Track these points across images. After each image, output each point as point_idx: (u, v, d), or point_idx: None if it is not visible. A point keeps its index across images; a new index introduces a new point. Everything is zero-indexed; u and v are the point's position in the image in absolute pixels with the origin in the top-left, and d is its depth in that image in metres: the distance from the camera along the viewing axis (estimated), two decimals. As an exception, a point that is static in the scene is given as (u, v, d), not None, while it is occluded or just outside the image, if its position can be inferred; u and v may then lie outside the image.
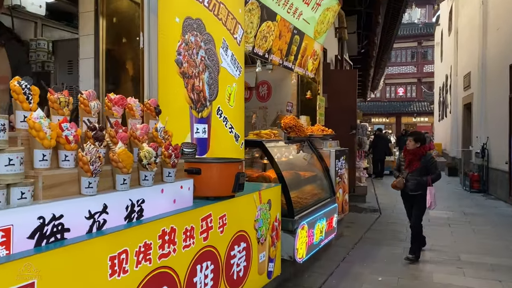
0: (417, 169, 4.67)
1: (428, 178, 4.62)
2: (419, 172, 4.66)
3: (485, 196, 9.93)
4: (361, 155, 9.09)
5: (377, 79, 25.83)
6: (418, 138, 4.69)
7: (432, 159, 4.70)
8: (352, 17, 10.08)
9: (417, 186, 4.71)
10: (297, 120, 4.98)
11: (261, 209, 3.13)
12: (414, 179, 4.72)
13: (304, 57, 5.36)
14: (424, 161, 4.62)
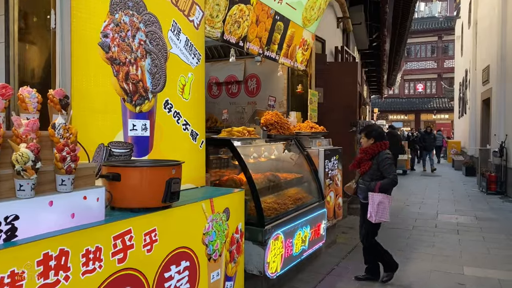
0: (367, 171, 3.84)
1: (377, 184, 3.76)
2: (371, 175, 3.82)
3: (502, 199, 9.19)
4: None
5: (393, 75, 24.96)
6: (369, 133, 3.85)
7: (387, 159, 3.72)
8: (358, 7, 9.48)
9: (366, 192, 3.89)
10: (280, 116, 4.49)
11: (213, 219, 2.67)
12: (363, 184, 3.94)
13: (291, 47, 4.86)
14: (376, 162, 3.75)
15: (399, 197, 9.35)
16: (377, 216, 3.81)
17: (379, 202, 3.77)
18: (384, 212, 3.79)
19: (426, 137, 15.86)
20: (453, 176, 14.06)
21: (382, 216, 3.81)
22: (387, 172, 3.74)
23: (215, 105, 6.09)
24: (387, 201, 3.82)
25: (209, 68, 6.24)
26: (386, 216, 3.82)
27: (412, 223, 6.74)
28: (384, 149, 3.82)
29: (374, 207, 3.80)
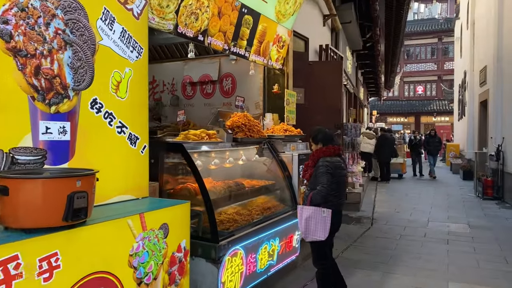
0: (309, 179, 3.42)
1: (309, 195, 3.31)
2: (311, 184, 3.41)
3: (499, 205, 8.79)
4: (355, 158, 8.12)
5: (392, 77, 24.58)
6: (315, 138, 3.46)
7: (321, 167, 3.24)
8: (347, 4, 9.13)
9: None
10: (249, 118, 4.12)
11: (145, 238, 2.31)
12: (305, 193, 3.52)
13: (264, 43, 4.50)
14: (316, 169, 3.35)
15: (390, 203, 8.97)
16: (307, 234, 3.28)
17: (308, 217, 3.25)
18: (316, 228, 3.24)
19: (430, 141, 14.65)
20: (451, 180, 13.65)
21: (315, 233, 3.25)
22: (318, 181, 3.27)
23: (190, 106, 5.74)
24: (319, 215, 3.24)
25: (182, 67, 5.90)
26: (320, 233, 3.24)
27: (401, 231, 6.35)
28: (326, 154, 3.33)
29: (301, 224, 3.31)
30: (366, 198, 9.45)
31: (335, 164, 3.30)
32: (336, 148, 3.40)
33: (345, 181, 3.48)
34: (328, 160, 3.30)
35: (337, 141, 3.50)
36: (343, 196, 3.44)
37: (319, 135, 3.46)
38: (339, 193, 3.35)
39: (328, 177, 3.23)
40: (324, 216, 3.23)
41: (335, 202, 3.32)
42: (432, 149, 14.44)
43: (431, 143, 14.58)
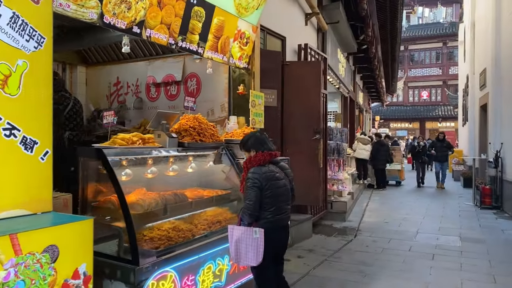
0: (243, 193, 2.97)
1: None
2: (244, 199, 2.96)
3: (497, 215, 8.26)
4: (340, 165, 7.66)
5: (393, 81, 24.06)
6: (245, 145, 3.00)
7: (248, 180, 2.79)
8: (335, 4, 8.71)
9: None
10: (200, 121, 3.71)
11: (19, 263, 1.90)
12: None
13: (222, 39, 4.10)
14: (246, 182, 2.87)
15: (381, 212, 8.48)
16: (238, 259, 2.81)
17: (238, 239, 2.78)
18: (247, 252, 2.75)
19: (438, 145, 12.74)
20: (451, 187, 13.09)
21: (246, 258, 2.76)
22: (245, 197, 2.82)
23: (154, 109, 5.34)
24: (250, 236, 2.73)
25: (146, 67, 5.51)
26: (251, 258, 2.74)
27: (384, 244, 5.87)
28: (255, 164, 2.85)
29: (231, 247, 2.83)
30: (356, 207, 8.97)
31: (267, 175, 2.84)
32: (266, 155, 2.90)
33: (288, 191, 3.01)
34: (256, 171, 2.84)
35: (271, 146, 3.03)
36: (284, 209, 2.96)
37: (249, 140, 3.00)
38: (277, 208, 2.88)
39: (256, 192, 2.78)
40: (256, 238, 2.76)
41: (271, 219, 2.85)
42: (440, 155, 12.56)
43: (439, 148, 12.64)
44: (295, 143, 6.13)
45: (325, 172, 7.25)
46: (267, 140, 3.04)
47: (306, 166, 6.11)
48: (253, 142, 2.99)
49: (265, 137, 3.06)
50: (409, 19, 42.82)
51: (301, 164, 6.10)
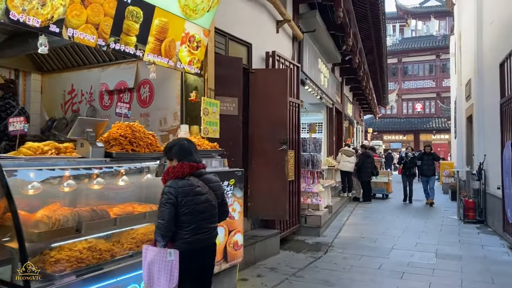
0: None
1: None
2: None
3: (480, 229, 7.93)
4: (315, 177, 7.34)
5: (384, 93, 23.92)
6: (168, 152, 2.68)
7: (163, 195, 2.51)
8: (311, 12, 8.52)
9: None
10: (134, 129, 3.42)
11: None
12: None
13: (166, 42, 3.84)
14: None
15: (360, 226, 8.15)
16: (151, 283, 2.47)
17: (151, 261, 2.46)
18: (160, 277, 2.43)
19: (424, 158, 11.74)
20: (438, 200, 12.72)
21: (159, 283, 2.43)
22: (158, 214, 2.50)
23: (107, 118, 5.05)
24: (163, 259, 2.42)
25: (100, 74, 5.24)
26: (163, 283, 2.42)
27: (355, 261, 5.54)
28: (172, 176, 2.54)
29: (144, 269, 2.51)
30: (336, 221, 8.64)
31: (184, 190, 2.53)
32: (186, 167, 2.58)
33: (213, 207, 2.69)
34: (172, 184, 2.54)
35: (197, 158, 2.72)
36: (207, 228, 2.64)
37: (173, 148, 2.69)
38: (196, 226, 2.56)
39: (169, 209, 2.46)
40: (170, 260, 2.43)
41: (188, 239, 2.53)
42: (426, 169, 11.61)
43: (425, 161, 11.66)
44: (262, 154, 5.85)
45: (298, 185, 6.96)
46: (194, 151, 2.73)
47: (273, 178, 5.82)
48: (177, 150, 2.68)
49: (193, 147, 2.75)
50: (402, 32, 43.07)
51: (268, 176, 5.82)
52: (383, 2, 9.67)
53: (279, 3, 6.35)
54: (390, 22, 44.11)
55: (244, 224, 5.76)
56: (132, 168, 3.46)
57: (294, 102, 6.80)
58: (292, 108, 6.69)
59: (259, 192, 5.80)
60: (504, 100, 6.38)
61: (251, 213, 5.81)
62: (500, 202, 6.88)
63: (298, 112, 6.99)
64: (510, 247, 6.29)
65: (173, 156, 2.66)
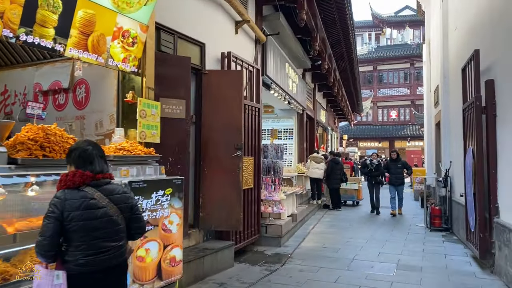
0: None
1: None
2: None
3: (445, 237, 7.78)
4: (276, 184, 7.03)
5: (358, 100, 24.00)
6: (68, 155, 2.32)
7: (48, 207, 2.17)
8: (275, 14, 8.28)
9: None
10: (48, 132, 3.02)
11: None
12: None
13: (94, 37, 3.49)
14: None
15: (324, 235, 7.87)
16: None
17: (38, 284, 2.11)
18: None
19: (391, 166, 10.83)
20: (408, 208, 12.62)
21: None
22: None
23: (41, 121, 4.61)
24: (50, 282, 2.08)
25: (34, 73, 4.81)
26: None
27: (311, 274, 5.23)
28: (63, 185, 2.19)
29: None
30: (301, 230, 8.35)
31: (73, 202, 2.13)
32: (78, 176, 2.19)
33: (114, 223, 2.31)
34: (60, 195, 2.16)
35: (98, 165, 2.33)
36: (106, 248, 2.24)
37: (73, 152, 2.31)
38: (90, 246, 2.16)
39: (53, 224, 2.08)
40: (57, 284, 2.06)
41: (81, 261, 2.14)
42: (394, 178, 10.74)
43: (393, 169, 10.78)
44: (215, 161, 5.50)
45: (258, 193, 6.64)
46: (97, 159, 2.32)
47: (227, 186, 5.48)
48: (76, 156, 2.29)
49: (97, 154, 2.34)
50: (378, 40, 43.70)
51: (222, 184, 5.49)
52: (350, 7, 9.52)
53: (236, 2, 6.05)
54: (366, 31, 44.81)
55: (195, 236, 5.40)
56: (45, 176, 3.05)
57: (253, 106, 6.50)
58: (251, 112, 6.39)
59: (212, 201, 5.45)
60: (466, 106, 6.25)
61: (203, 223, 5.44)
62: (464, 209, 6.72)
63: (259, 116, 6.70)
64: (473, 256, 6.12)
65: (72, 162, 2.28)
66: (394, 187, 10.78)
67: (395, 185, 10.77)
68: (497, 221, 5.13)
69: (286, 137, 13.91)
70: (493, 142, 5.32)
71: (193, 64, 5.28)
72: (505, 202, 5.01)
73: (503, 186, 5.08)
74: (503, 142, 5.08)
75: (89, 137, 4.38)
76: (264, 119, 14.41)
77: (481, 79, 5.61)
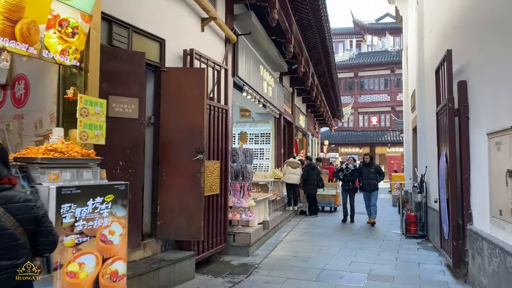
0: None
1: None
2: None
3: (420, 245, 7.56)
4: (245, 190, 6.68)
5: (338, 106, 23.91)
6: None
7: None
8: (247, 13, 7.99)
9: None
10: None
11: None
12: None
13: (22, 24, 3.10)
14: None
15: (296, 244, 7.55)
16: None
17: None
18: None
19: (364, 170, 10.08)
20: (386, 214, 12.47)
21: None
22: None
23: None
24: None
25: (-31, 68, 4.34)
26: None
27: (277, 286, 4.89)
28: None
29: None
30: (273, 238, 8.02)
31: None
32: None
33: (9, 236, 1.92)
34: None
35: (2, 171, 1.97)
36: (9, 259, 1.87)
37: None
38: None
39: None
40: None
41: None
42: (366, 183, 9.95)
43: (365, 174, 10.00)
44: (174, 165, 5.13)
45: (225, 199, 6.29)
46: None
47: (187, 192, 5.10)
48: None
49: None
50: (360, 47, 44.07)
51: (182, 190, 5.11)
52: (325, 8, 9.31)
53: (201, -3, 5.73)
54: (348, 37, 45.18)
55: (151, 246, 5.00)
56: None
57: (220, 108, 6.17)
58: (217, 114, 6.06)
59: (170, 208, 5.06)
60: (439, 108, 6.05)
61: (161, 233, 5.05)
62: (439, 216, 6.51)
63: (226, 118, 6.37)
64: (447, 264, 5.89)
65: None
66: (366, 193, 10.03)
67: (367, 191, 9.98)
68: (470, 228, 4.90)
69: (263, 142, 13.62)
70: (466, 146, 5.11)
71: (150, 61, 4.92)
72: (478, 208, 4.79)
73: (476, 192, 4.86)
74: (475, 145, 4.87)
75: (28, 138, 3.99)
76: (241, 124, 14.09)
77: (454, 81, 5.42)
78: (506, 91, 3.90)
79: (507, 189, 3.75)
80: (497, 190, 4.05)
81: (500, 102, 4.04)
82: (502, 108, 3.99)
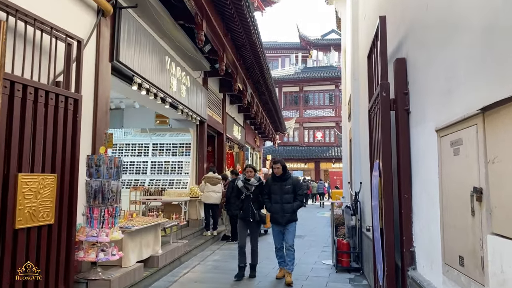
0: None
1: None
2: None
3: (354, 282, 5.91)
4: (106, 217, 4.64)
5: (280, 119, 22.44)
6: None
7: None
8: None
9: None
10: None
11: None
12: None
13: None
14: None
15: (194, 286, 5.59)
16: None
17: None
18: None
19: (274, 188, 5.90)
20: (321, 236, 10.89)
21: None
22: None
23: None
24: None
25: None
26: None
27: None
28: None
29: None
30: (163, 280, 6.01)
31: None
32: None
33: None
34: None
35: None
36: None
37: None
38: None
39: None
40: None
41: None
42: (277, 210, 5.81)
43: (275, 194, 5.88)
44: None
45: (67, 231, 4.25)
46: None
47: None
48: None
49: None
50: (306, 62, 43.64)
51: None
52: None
53: None
54: (294, 52, 44.74)
55: None
56: None
57: (60, 95, 4.19)
58: (52, 104, 4.07)
59: None
60: (371, 104, 4.47)
61: None
62: (372, 250, 4.87)
63: (76, 112, 4.39)
64: (383, 318, 4.21)
65: None
66: (278, 227, 5.91)
67: (280, 223, 5.83)
68: (413, 276, 3.24)
69: (182, 154, 11.65)
70: (406, 151, 3.51)
71: None
72: (424, 247, 3.15)
73: (420, 219, 3.24)
74: (419, 150, 3.26)
75: None
76: (161, 133, 12.08)
77: (390, 63, 3.86)
78: (466, 59, 2.30)
79: (474, 221, 2.10)
80: (455, 223, 2.41)
81: (458, 79, 2.44)
82: (461, 88, 2.39)
